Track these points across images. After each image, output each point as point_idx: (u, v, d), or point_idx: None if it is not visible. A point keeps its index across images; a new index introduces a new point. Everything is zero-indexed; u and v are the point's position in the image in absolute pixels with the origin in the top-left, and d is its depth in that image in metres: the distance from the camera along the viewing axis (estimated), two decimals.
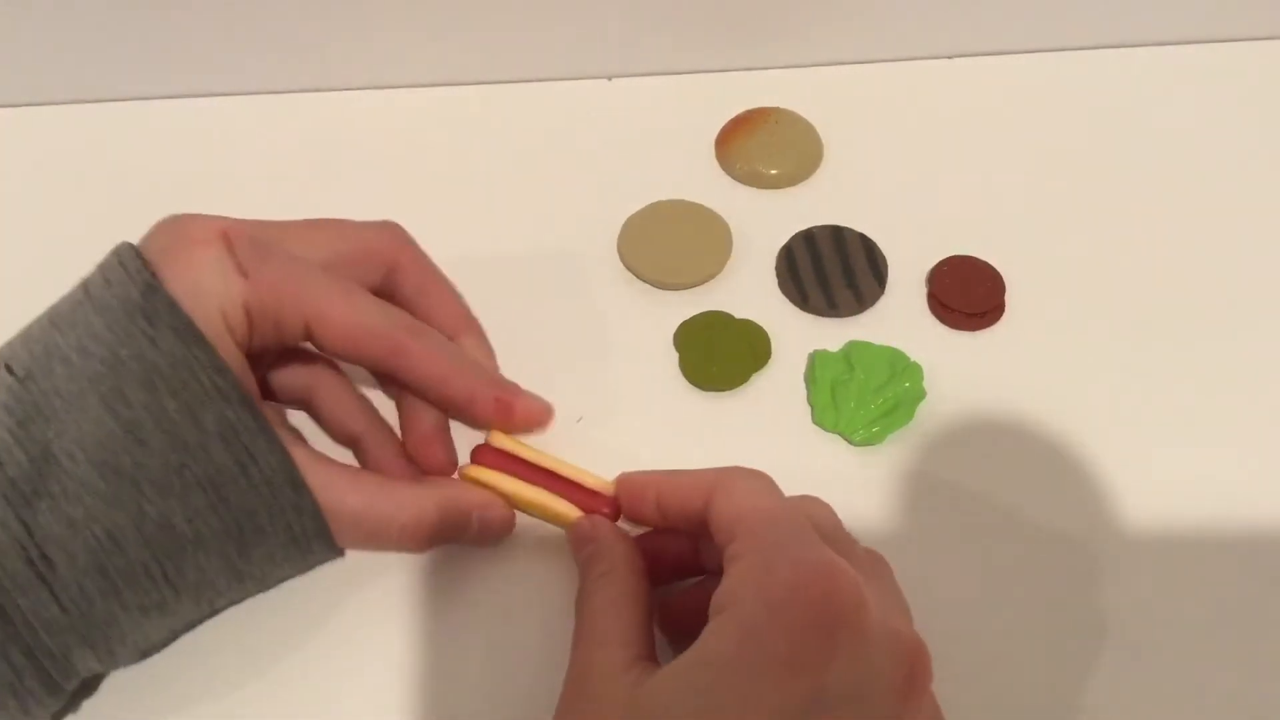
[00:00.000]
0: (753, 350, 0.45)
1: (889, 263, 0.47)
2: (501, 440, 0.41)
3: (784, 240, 0.48)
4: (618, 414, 0.43)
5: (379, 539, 0.38)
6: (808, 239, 0.48)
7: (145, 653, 0.37)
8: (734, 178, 0.51)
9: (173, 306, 0.34)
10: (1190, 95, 0.53)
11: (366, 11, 0.51)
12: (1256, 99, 0.53)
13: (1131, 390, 0.44)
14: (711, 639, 0.30)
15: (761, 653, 0.29)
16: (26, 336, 0.35)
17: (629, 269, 0.47)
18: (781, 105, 0.52)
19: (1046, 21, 0.53)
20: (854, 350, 0.44)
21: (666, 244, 0.47)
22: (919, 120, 0.53)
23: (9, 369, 0.34)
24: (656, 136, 0.47)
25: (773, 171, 0.50)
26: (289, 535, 0.36)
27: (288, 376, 0.41)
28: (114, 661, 0.35)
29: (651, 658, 0.33)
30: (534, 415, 0.41)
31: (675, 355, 0.45)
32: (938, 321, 0.46)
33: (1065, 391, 0.44)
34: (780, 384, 0.44)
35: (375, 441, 0.41)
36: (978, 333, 0.46)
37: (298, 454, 0.35)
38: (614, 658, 0.33)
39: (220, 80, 0.53)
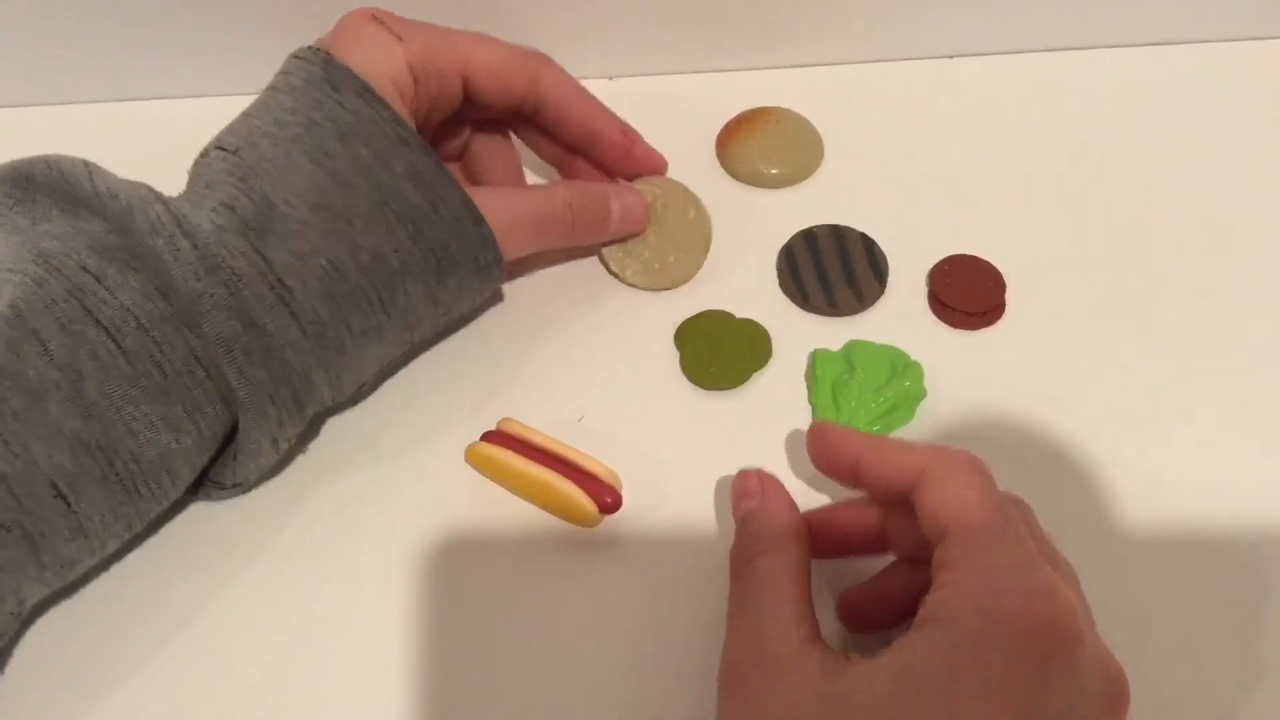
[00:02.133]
0: (753, 349, 0.45)
1: (889, 262, 0.47)
2: (511, 426, 0.41)
3: (784, 239, 0.48)
4: (619, 413, 0.43)
5: (540, 234, 0.43)
6: (808, 238, 0.48)
7: (359, 386, 0.42)
8: (734, 177, 0.51)
9: (351, 74, 0.39)
10: (1191, 95, 0.53)
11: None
12: (1256, 99, 0.53)
13: (1132, 389, 0.44)
14: (920, 650, 0.30)
15: (974, 675, 0.29)
16: (228, 128, 0.40)
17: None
18: (781, 105, 0.52)
19: (1046, 21, 0.53)
20: (855, 349, 0.44)
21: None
22: (919, 120, 0.53)
23: (220, 148, 0.39)
24: (657, 136, 0.47)
25: (773, 171, 0.50)
26: (475, 265, 0.41)
27: (447, 135, 0.46)
28: (340, 390, 0.40)
29: (820, 637, 0.33)
30: (652, 158, 0.47)
31: (676, 354, 0.45)
32: (938, 321, 0.46)
33: (1065, 391, 0.44)
34: (781, 383, 0.44)
35: None
36: (978, 332, 0.46)
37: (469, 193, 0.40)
38: (789, 633, 0.32)
39: (220, 80, 0.53)
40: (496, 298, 0.46)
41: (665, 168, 0.48)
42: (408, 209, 0.38)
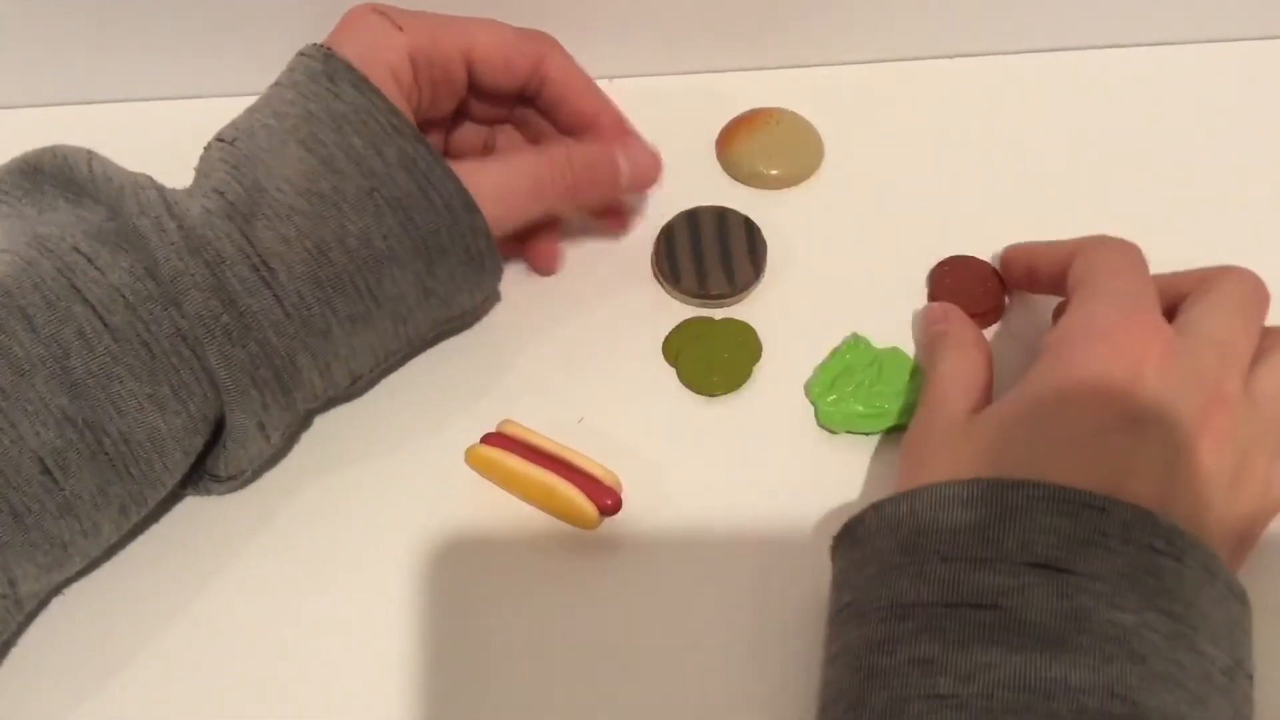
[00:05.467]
0: (746, 351, 0.45)
1: (896, 259, 0.47)
2: (511, 428, 0.41)
3: (786, 241, 0.48)
4: (619, 414, 0.44)
5: (538, 197, 0.42)
6: (690, 218, 0.48)
7: (354, 379, 0.41)
8: (734, 178, 0.51)
9: (347, 66, 0.40)
10: (1190, 95, 0.53)
11: None
12: (1256, 99, 0.53)
13: None
14: (1033, 373, 0.36)
15: (1074, 381, 0.35)
16: (231, 122, 0.41)
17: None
18: (781, 105, 0.52)
19: (1046, 21, 0.53)
20: (885, 356, 0.44)
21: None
22: (919, 120, 0.53)
23: (220, 139, 0.40)
24: (657, 136, 0.47)
25: (773, 172, 0.50)
26: (466, 254, 0.40)
27: (470, 132, 0.47)
28: (331, 381, 0.40)
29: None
30: (641, 156, 0.45)
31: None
32: None
33: None
34: (779, 382, 0.44)
35: None
36: None
37: (457, 168, 0.40)
38: (956, 410, 0.38)
39: (220, 80, 0.53)
40: (495, 299, 0.46)
41: (658, 168, 0.46)
42: (399, 196, 0.39)
